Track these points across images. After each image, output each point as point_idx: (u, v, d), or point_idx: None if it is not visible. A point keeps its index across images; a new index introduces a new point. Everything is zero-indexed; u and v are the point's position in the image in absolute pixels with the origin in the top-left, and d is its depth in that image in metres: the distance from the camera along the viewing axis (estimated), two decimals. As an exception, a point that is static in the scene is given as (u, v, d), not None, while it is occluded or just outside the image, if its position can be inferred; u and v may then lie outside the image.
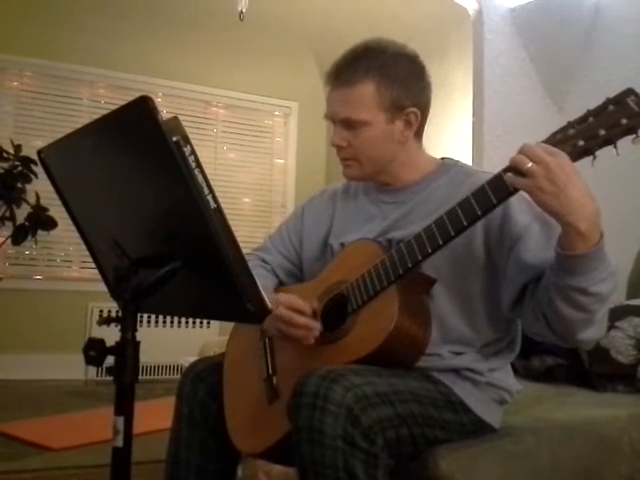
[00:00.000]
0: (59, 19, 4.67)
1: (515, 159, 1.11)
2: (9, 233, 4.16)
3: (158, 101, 4.97)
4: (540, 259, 1.25)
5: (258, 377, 1.44)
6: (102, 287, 1.10)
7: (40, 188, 4.02)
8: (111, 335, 0.99)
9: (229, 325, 1.62)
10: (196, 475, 1.45)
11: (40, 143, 1.15)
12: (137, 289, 0.97)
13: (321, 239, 1.56)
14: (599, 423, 1.63)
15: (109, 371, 0.97)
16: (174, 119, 0.86)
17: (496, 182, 1.16)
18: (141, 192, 0.99)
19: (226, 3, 4.03)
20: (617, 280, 1.19)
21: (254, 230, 5.23)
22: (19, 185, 4.14)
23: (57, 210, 3.81)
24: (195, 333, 4.83)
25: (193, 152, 0.86)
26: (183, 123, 0.87)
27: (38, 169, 3.67)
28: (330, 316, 1.39)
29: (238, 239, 0.90)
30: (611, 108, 1.09)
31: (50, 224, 4.12)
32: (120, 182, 1.01)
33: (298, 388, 1.19)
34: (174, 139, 0.85)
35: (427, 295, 1.34)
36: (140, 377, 0.98)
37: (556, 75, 3.44)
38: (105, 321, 1.01)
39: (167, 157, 0.86)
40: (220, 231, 0.88)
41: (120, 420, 0.95)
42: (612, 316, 2.09)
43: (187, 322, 4.94)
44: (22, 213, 4.17)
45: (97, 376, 4.48)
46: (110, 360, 0.97)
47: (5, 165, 4.14)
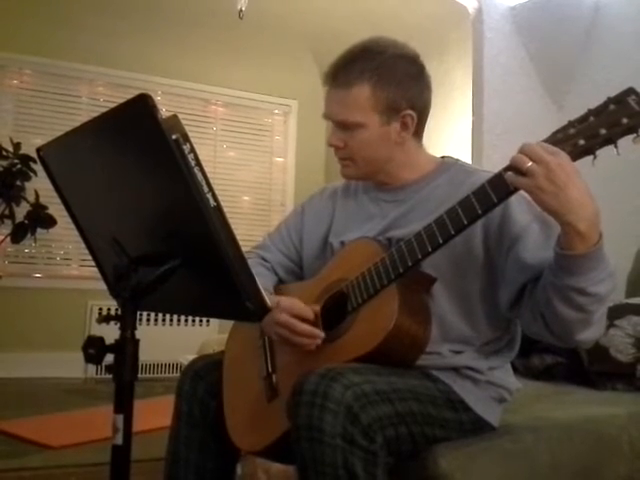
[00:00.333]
0: (59, 17, 4.67)
1: (515, 158, 1.11)
2: (8, 231, 4.16)
3: (157, 99, 4.97)
4: (539, 259, 1.25)
5: (257, 375, 1.44)
6: (101, 285, 1.10)
7: (39, 186, 4.02)
8: (110, 333, 0.99)
9: (228, 323, 1.62)
10: (195, 473, 1.45)
11: (39, 141, 1.15)
12: (136, 287, 0.97)
13: (321, 237, 1.56)
14: (598, 421, 1.63)
15: (108, 369, 0.96)
16: (173, 117, 0.86)
17: (496, 181, 1.16)
18: (140, 190, 0.98)
19: (225, 1, 4.02)
20: (616, 281, 1.19)
21: (253, 228, 5.23)
22: (18, 183, 4.14)
23: (56, 208, 3.81)
24: (194, 331, 4.83)
25: (192, 150, 0.86)
26: (182, 121, 0.87)
27: (37, 167, 3.66)
28: (330, 314, 1.39)
29: (237, 237, 0.90)
30: (612, 107, 1.09)
31: (49, 222, 4.12)
32: (119, 180, 1.01)
33: (297, 386, 1.19)
34: (173, 137, 0.85)
35: (427, 294, 1.34)
36: (139, 375, 0.98)
37: (556, 74, 3.44)
38: (104, 319, 1.01)
39: (166, 155, 0.86)
40: (220, 229, 0.88)
41: (119, 418, 0.95)
42: (611, 315, 2.10)
43: (186, 320, 4.93)
44: (21, 211, 4.17)
45: (96, 374, 4.48)
46: (109, 358, 0.97)
47: (4, 163, 4.14)
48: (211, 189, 0.87)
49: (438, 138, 4.02)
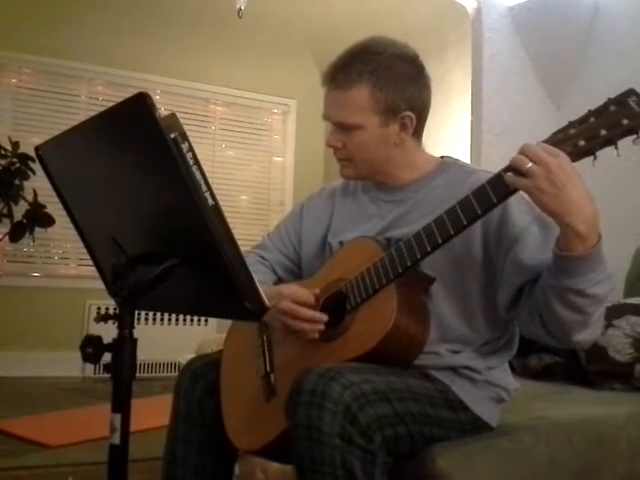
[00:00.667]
0: (58, 16, 4.66)
1: (515, 159, 1.11)
2: (6, 230, 4.15)
3: (156, 98, 4.97)
4: (538, 260, 1.25)
5: (256, 375, 1.44)
6: (100, 284, 1.10)
7: (38, 185, 4.01)
8: (109, 332, 0.99)
9: (227, 322, 1.62)
10: (193, 473, 1.45)
11: (38, 140, 1.14)
12: (134, 286, 0.97)
13: (320, 237, 1.56)
14: (597, 421, 1.63)
15: (106, 368, 0.96)
16: (172, 116, 0.86)
17: (496, 181, 1.16)
18: (139, 189, 0.98)
19: (225, 1, 4.02)
20: (614, 282, 1.19)
21: (252, 228, 5.23)
22: (17, 182, 4.14)
23: (55, 207, 3.81)
24: (193, 331, 4.82)
25: (191, 149, 0.86)
26: (181, 121, 0.87)
27: (36, 166, 3.66)
28: (329, 314, 1.38)
29: (236, 237, 0.90)
30: (612, 108, 1.09)
31: (48, 221, 4.12)
32: (118, 179, 1.01)
33: (296, 386, 1.19)
34: (172, 136, 0.85)
35: (426, 294, 1.34)
36: (137, 374, 0.98)
37: (555, 74, 3.44)
38: (102, 318, 1.01)
39: (165, 154, 0.86)
40: (218, 228, 0.88)
41: (117, 417, 0.95)
42: (609, 315, 2.10)
43: (185, 320, 4.93)
44: (20, 210, 4.17)
45: (94, 373, 4.47)
46: (107, 357, 0.97)
47: (3, 162, 4.14)
48: (209, 188, 0.87)
49: (437, 138, 4.02)
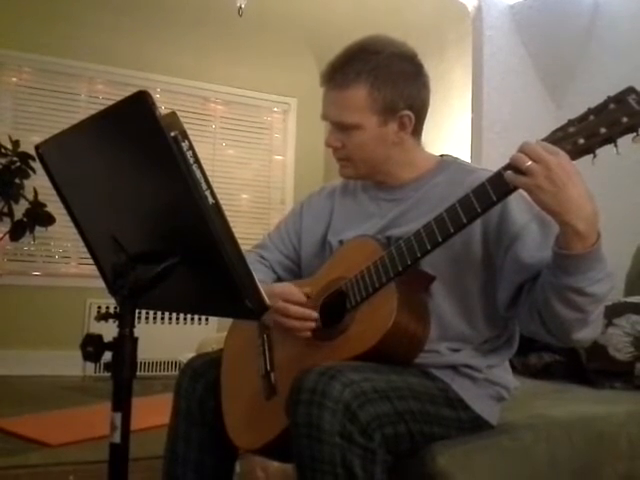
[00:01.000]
0: (58, 14, 4.66)
1: (515, 157, 1.11)
2: (7, 229, 4.15)
3: (157, 97, 4.96)
4: (537, 258, 1.25)
5: (256, 373, 1.44)
6: (100, 283, 1.10)
7: (38, 184, 4.02)
8: (109, 331, 0.99)
9: (227, 321, 1.62)
10: (194, 471, 1.45)
11: (38, 139, 1.14)
12: (135, 285, 0.97)
13: (320, 236, 1.56)
14: (597, 420, 1.63)
15: (107, 367, 0.96)
16: (172, 114, 0.86)
17: (496, 180, 1.16)
18: (139, 188, 0.98)
19: (225, -1, 4.02)
20: (614, 281, 1.19)
21: (252, 226, 5.23)
22: (17, 181, 4.14)
23: (55, 206, 3.81)
24: (193, 329, 4.83)
25: (191, 147, 0.86)
26: (182, 119, 0.87)
27: (36, 165, 3.66)
28: (329, 313, 1.39)
29: (236, 235, 0.90)
30: (612, 106, 1.09)
31: (48, 220, 4.12)
32: (118, 178, 1.01)
33: (296, 384, 1.19)
34: (172, 134, 0.85)
35: (426, 292, 1.34)
36: (138, 373, 0.98)
37: (555, 72, 3.44)
38: (103, 317, 1.01)
39: (165, 152, 0.86)
40: (218, 227, 0.88)
41: (118, 416, 0.95)
42: (610, 313, 2.10)
43: (185, 318, 4.93)
44: (20, 209, 4.17)
45: (95, 372, 4.47)
46: (108, 356, 0.97)
47: (3, 161, 4.14)
48: (210, 187, 0.87)
49: (437, 136, 4.01)
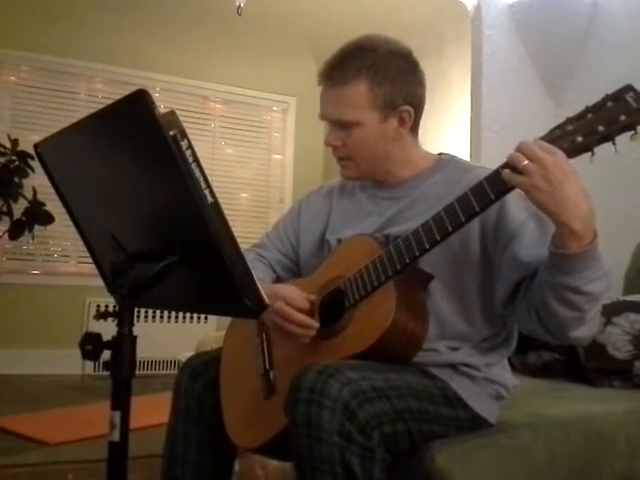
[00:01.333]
0: (57, 13, 4.65)
1: (512, 156, 1.11)
2: (6, 228, 4.15)
3: (156, 96, 4.95)
4: (535, 256, 1.25)
5: (255, 372, 1.44)
6: (99, 282, 1.10)
7: (37, 183, 4.01)
8: (108, 330, 0.99)
9: (226, 320, 1.62)
10: (193, 470, 1.45)
11: (37, 138, 1.14)
12: (134, 284, 0.97)
13: (318, 235, 1.56)
14: (595, 418, 1.63)
15: (106, 366, 0.96)
16: (171, 113, 0.86)
17: (494, 178, 1.16)
18: (138, 187, 0.98)
19: (224, -2, 4.02)
20: (610, 280, 1.19)
21: (251, 225, 5.22)
22: (16, 180, 4.14)
23: (54, 205, 3.81)
24: (192, 328, 4.82)
25: (190, 146, 0.86)
26: (181, 118, 0.87)
27: (35, 164, 3.64)
28: (327, 311, 1.39)
29: (235, 234, 0.90)
30: (610, 104, 1.09)
31: (47, 219, 4.12)
32: (117, 176, 1.01)
33: (295, 383, 1.19)
34: (171, 133, 0.85)
35: (424, 291, 1.35)
36: (137, 372, 0.98)
37: (554, 71, 3.44)
38: (102, 316, 1.01)
39: (164, 151, 0.86)
40: (217, 226, 0.88)
41: (117, 415, 0.95)
42: (609, 312, 2.10)
43: (184, 317, 4.93)
44: (19, 208, 4.16)
45: (94, 371, 4.46)
46: (107, 355, 0.97)
47: (2, 160, 4.13)
48: (209, 186, 0.87)
49: (436, 135, 4.01)
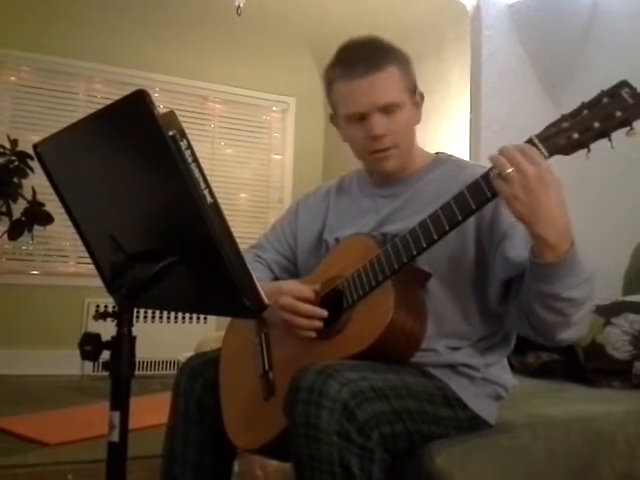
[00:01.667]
0: (57, 14, 4.65)
1: (498, 161, 1.10)
2: (5, 228, 4.15)
3: (155, 96, 4.95)
4: (524, 257, 1.25)
5: (254, 373, 1.44)
6: (98, 282, 1.10)
7: (36, 183, 4.02)
8: (107, 330, 0.99)
9: (226, 320, 1.63)
10: (192, 470, 1.45)
11: (37, 138, 1.14)
12: (133, 284, 0.97)
13: (316, 235, 1.56)
14: (595, 419, 1.63)
15: (105, 366, 0.96)
16: (170, 113, 0.86)
17: (489, 176, 1.16)
18: (137, 187, 0.98)
19: (223, -2, 4.02)
20: (593, 285, 1.19)
21: (251, 226, 5.22)
22: (15, 180, 4.14)
23: (53, 205, 3.81)
24: (192, 328, 4.83)
25: (189, 146, 0.86)
26: (180, 118, 0.87)
27: (34, 164, 3.65)
28: (326, 311, 1.38)
29: (235, 234, 0.90)
30: (605, 101, 1.09)
31: (46, 219, 4.12)
32: (116, 177, 1.01)
33: (294, 384, 1.19)
34: (170, 133, 0.85)
35: (423, 290, 1.35)
36: (136, 372, 0.98)
37: (553, 72, 3.44)
38: (101, 316, 1.01)
39: (163, 151, 0.86)
40: (217, 226, 0.88)
41: (116, 415, 0.95)
42: (608, 312, 2.10)
43: (184, 317, 4.93)
44: (18, 208, 4.17)
45: (93, 371, 4.47)
46: (106, 355, 0.97)
47: (1, 160, 4.13)
48: (208, 186, 0.87)
49: (436, 135, 4.01)
